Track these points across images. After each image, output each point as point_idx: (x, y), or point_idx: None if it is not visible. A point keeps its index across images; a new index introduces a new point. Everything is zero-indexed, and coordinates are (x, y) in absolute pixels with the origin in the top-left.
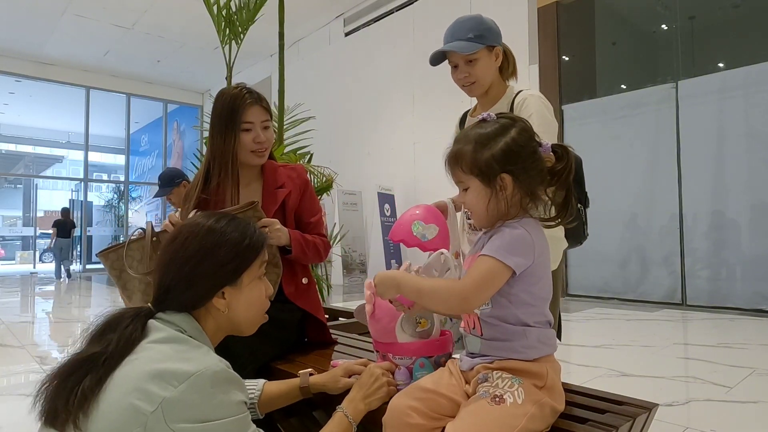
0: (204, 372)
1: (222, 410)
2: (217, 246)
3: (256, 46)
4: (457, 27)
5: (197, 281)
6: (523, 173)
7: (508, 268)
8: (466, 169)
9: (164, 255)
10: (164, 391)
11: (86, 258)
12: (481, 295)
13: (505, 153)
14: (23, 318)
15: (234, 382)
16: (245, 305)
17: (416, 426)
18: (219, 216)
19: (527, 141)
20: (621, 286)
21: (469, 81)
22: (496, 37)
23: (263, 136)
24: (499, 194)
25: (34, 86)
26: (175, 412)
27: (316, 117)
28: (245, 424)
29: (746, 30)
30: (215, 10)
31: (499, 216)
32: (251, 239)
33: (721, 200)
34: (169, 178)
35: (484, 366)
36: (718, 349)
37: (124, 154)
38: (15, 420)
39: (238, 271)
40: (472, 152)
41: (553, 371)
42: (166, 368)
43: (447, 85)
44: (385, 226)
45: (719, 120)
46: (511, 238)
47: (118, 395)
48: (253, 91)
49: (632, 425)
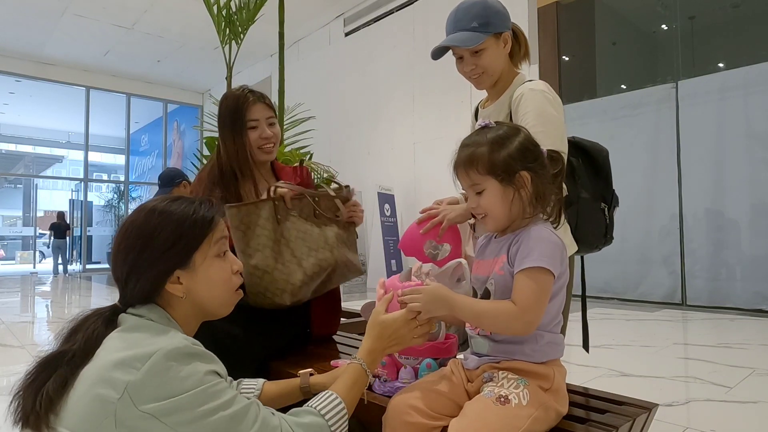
0: (164, 348)
1: (189, 382)
2: (157, 229)
3: (256, 46)
4: (461, 14)
5: (144, 270)
6: (540, 171)
7: (553, 275)
8: (482, 171)
9: (112, 248)
10: (128, 375)
11: (86, 258)
12: (542, 313)
13: (522, 151)
14: (23, 318)
15: (198, 356)
16: (205, 287)
17: (416, 425)
18: (169, 199)
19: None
20: (621, 286)
21: (477, 73)
22: (504, 22)
23: (269, 131)
24: (521, 192)
25: (34, 86)
26: (142, 394)
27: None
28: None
29: (746, 30)
30: (215, 10)
31: (517, 216)
32: (196, 216)
33: (721, 200)
34: (169, 178)
35: (491, 365)
36: (718, 349)
37: (124, 154)
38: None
39: (186, 253)
40: (488, 153)
41: (560, 374)
42: (128, 354)
43: (447, 84)
44: (386, 226)
45: (719, 120)
46: (546, 242)
47: (84, 389)
48: (255, 91)
49: (632, 425)
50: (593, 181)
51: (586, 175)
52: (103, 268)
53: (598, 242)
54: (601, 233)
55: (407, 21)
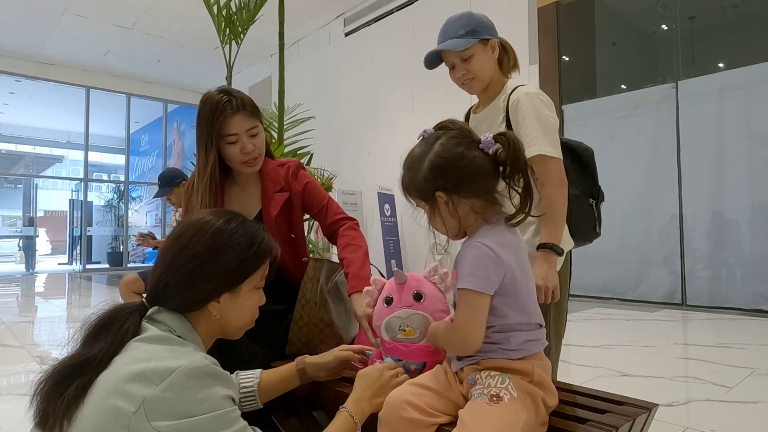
0: (185, 367)
1: (205, 405)
2: (224, 249)
3: (256, 46)
4: (449, 26)
5: (198, 283)
6: (458, 183)
7: (483, 294)
8: (412, 196)
9: (168, 250)
10: (146, 389)
11: (86, 258)
12: (475, 331)
13: (432, 170)
14: (23, 318)
15: (218, 378)
16: (238, 313)
17: (411, 420)
18: (230, 216)
19: (452, 149)
20: (621, 286)
21: (468, 78)
22: (490, 30)
23: (250, 145)
24: (442, 211)
25: (34, 86)
26: (157, 410)
27: (316, 117)
28: (232, 419)
29: (746, 30)
30: (215, 10)
31: (457, 228)
32: (259, 247)
33: (721, 200)
34: (169, 178)
35: (471, 368)
36: (718, 349)
37: (124, 154)
38: (15, 420)
39: (239, 279)
40: (408, 180)
41: (540, 368)
42: (147, 367)
43: (447, 85)
44: (385, 226)
45: (719, 120)
46: (473, 259)
47: (99, 398)
48: (235, 97)
49: (632, 425)
50: (581, 179)
51: (575, 173)
52: (103, 268)
53: (590, 235)
54: (592, 226)
55: (407, 21)
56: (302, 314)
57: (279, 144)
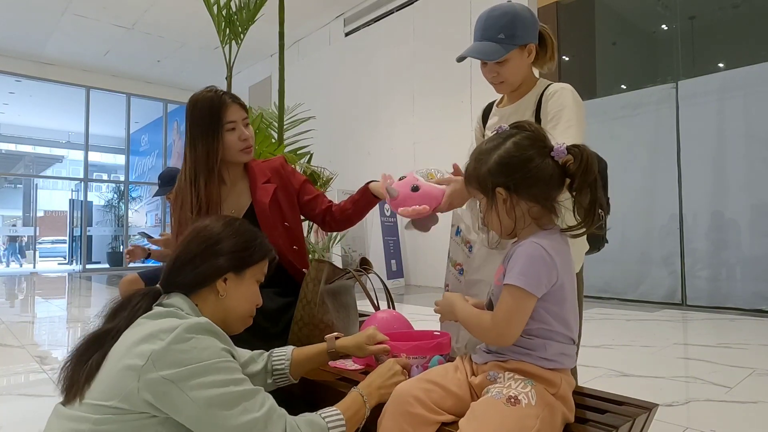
0: (187, 322)
1: (206, 353)
2: (235, 234)
3: (256, 46)
4: (490, 22)
5: (207, 259)
6: (521, 184)
7: (531, 294)
8: (471, 186)
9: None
10: (153, 345)
11: (86, 258)
12: (514, 329)
13: (499, 166)
14: (23, 318)
15: (217, 333)
16: (238, 298)
17: (416, 416)
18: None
19: (523, 150)
20: (621, 286)
21: (498, 80)
22: (531, 33)
23: (247, 132)
24: (499, 208)
25: (34, 86)
26: (163, 360)
27: (316, 117)
28: (232, 368)
29: (746, 30)
30: (215, 10)
31: (511, 228)
32: (262, 241)
33: (721, 200)
34: (168, 178)
35: (497, 364)
36: (718, 349)
37: (124, 154)
38: (15, 420)
39: (246, 262)
40: (473, 170)
41: (567, 384)
42: (153, 329)
43: (447, 85)
44: (385, 226)
45: (719, 120)
46: (527, 258)
47: (113, 362)
48: (227, 92)
49: (632, 425)
50: None
51: None
52: (103, 268)
53: (599, 244)
54: (602, 236)
55: (407, 21)
56: (303, 315)
57: (279, 144)
